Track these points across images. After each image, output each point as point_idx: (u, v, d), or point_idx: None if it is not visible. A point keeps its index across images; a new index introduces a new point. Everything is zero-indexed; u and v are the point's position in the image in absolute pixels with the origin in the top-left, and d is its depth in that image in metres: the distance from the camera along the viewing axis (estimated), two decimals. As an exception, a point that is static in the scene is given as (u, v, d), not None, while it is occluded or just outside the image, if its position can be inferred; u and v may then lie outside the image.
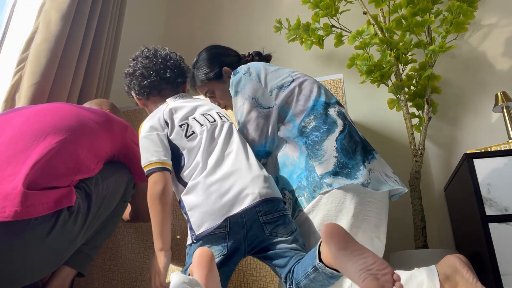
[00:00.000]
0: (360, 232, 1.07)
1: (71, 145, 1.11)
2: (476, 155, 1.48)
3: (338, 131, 1.17)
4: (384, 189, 1.11)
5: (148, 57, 1.34)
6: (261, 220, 1.01)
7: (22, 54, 1.60)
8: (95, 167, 1.17)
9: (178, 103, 1.25)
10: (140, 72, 1.31)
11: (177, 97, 1.30)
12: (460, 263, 0.88)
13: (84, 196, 1.10)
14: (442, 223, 1.93)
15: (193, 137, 1.14)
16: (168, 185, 1.08)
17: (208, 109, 1.25)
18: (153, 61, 1.32)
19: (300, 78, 1.29)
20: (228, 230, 0.99)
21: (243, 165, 1.08)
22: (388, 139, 2.14)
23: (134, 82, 1.33)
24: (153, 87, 1.32)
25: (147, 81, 1.31)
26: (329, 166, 1.11)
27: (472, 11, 1.85)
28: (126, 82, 1.38)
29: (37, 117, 1.14)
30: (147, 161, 1.10)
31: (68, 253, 1.10)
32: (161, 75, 1.32)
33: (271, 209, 1.03)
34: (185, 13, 2.84)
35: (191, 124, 1.18)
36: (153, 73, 1.31)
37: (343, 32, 2.13)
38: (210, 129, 1.17)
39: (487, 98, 2.05)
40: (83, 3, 1.76)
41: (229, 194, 1.01)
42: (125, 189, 1.27)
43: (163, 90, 1.34)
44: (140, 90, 1.33)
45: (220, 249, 0.98)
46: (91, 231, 1.15)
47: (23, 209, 0.92)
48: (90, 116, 1.22)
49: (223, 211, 0.99)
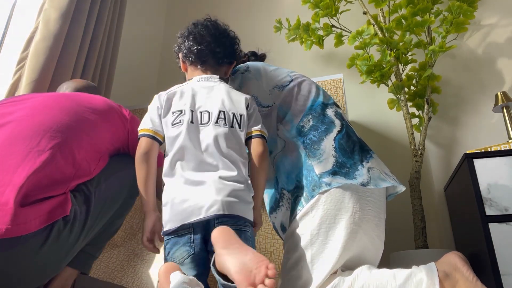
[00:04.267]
0: (361, 231, 1.07)
1: (68, 148, 1.05)
2: (476, 155, 1.48)
3: (336, 131, 1.17)
4: (384, 184, 1.11)
5: (207, 26, 1.31)
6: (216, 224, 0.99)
7: (22, 53, 1.60)
8: (96, 167, 1.12)
9: (197, 86, 1.21)
10: (193, 37, 1.29)
11: (204, 79, 1.24)
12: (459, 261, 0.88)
13: (83, 201, 1.05)
14: (442, 223, 1.93)
15: (177, 126, 1.12)
16: (153, 151, 1.11)
17: (211, 107, 1.16)
18: (210, 32, 1.29)
19: (299, 79, 1.29)
20: (192, 230, 1.01)
21: (212, 176, 1.05)
22: (388, 140, 2.14)
23: (185, 45, 1.30)
24: (199, 57, 1.28)
25: (196, 48, 1.27)
26: (327, 165, 1.11)
27: (472, 11, 1.85)
28: (178, 42, 1.35)
29: (31, 117, 1.07)
30: (142, 126, 1.14)
31: (66, 261, 1.05)
32: (211, 48, 1.28)
33: (229, 221, 1.01)
34: (185, 13, 2.84)
35: (185, 113, 1.14)
36: (204, 43, 1.28)
37: (343, 32, 2.13)
38: (195, 129, 1.12)
39: (487, 98, 2.05)
40: (82, 2, 1.76)
41: (188, 202, 1.01)
42: (131, 185, 1.21)
43: (205, 64, 1.28)
44: (187, 55, 1.29)
45: (187, 249, 0.99)
46: (93, 233, 1.11)
47: (14, 227, 0.87)
48: (87, 109, 1.16)
49: (181, 215, 1.01)
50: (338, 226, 1.07)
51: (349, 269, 1.09)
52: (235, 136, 1.14)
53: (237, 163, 1.10)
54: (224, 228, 0.90)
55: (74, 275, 1.17)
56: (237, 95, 1.21)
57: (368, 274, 1.02)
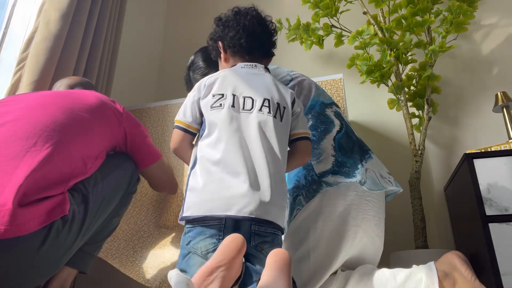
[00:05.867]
0: (360, 230, 1.07)
1: (64, 148, 1.04)
2: (476, 155, 1.48)
3: (335, 130, 1.17)
4: (377, 190, 1.10)
5: (256, 17, 1.24)
6: (252, 229, 0.94)
7: (22, 54, 1.60)
8: (92, 165, 1.12)
9: (241, 71, 1.17)
10: (243, 28, 1.21)
11: (248, 66, 1.20)
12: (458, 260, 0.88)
13: (81, 200, 1.05)
14: (442, 223, 1.93)
15: (217, 110, 1.06)
16: (182, 146, 1.11)
17: (255, 93, 1.11)
18: (261, 24, 1.24)
19: (299, 78, 1.29)
20: (224, 223, 0.94)
21: (255, 169, 0.99)
22: (388, 139, 2.14)
23: (230, 34, 1.22)
24: (247, 48, 1.22)
25: (245, 40, 1.21)
26: (327, 164, 1.11)
27: (472, 11, 1.85)
28: (216, 29, 1.27)
29: (26, 117, 1.07)
30: (176, 117, 1.13)
31: (64, 260, 1.05)
32: (262, 40, 1.23)
33: (266, 223, 0.96)
34: (185, 13, 2.84)
35: (226, 97, 1.09)
36: (254, 35, 1.22)
37: (343, 32, 2.13)
38: (237, 114, 1.06)
39: (487, 98, 2.05)
40: (83, 3, 1.76)
41: (227, 193, 0.94)
42: (128, 182, 1.22)
43: (252, 55, 1.23)
44: (234, 44, 1.22)
45: (214, 242, 0.93)
46: (91, 232, 1.11)
47: (13, 227, 0.86)
48: (82, 106, 1.15)
49: (212, 205, 0.94)
50: (338, 225, 1.07)
51: (349, 269, 1.09)
52: (277, 126, 1.07)
53: (277, 156, 1.03)
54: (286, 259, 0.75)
55: (73, 274, 1.18)
56: (283, 88, 1.17)
57: (368, 273, 1.02)
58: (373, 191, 1.09)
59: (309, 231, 1.08)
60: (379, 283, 0.98)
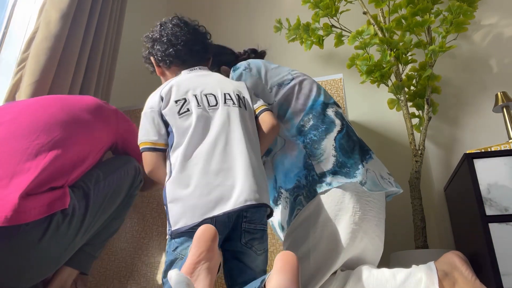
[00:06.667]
0: (361, 231, 1.07)
1: (65, 142, 1.07)
2: (476, 155, 1.48)
3: (336, 130, 1.17)
4: (377, 191, 1.11)
5: (178, 25, 1.28)
6: (243, 226, 0.95)
7: (22, 54, 1.60)
8: (93, 160, 1.15)
9: (190, 76, 1.18)
10: (167, 39, 1.25)
11: (193, 70, 1.22)
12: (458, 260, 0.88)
13: (82, 196, 1.07)
14: (442, 223, 1.93)
15: (186, 116, 1.06)
16: (156, 165, 1.07)
17: (214, 89, 1.13)
18: (184, 31, 1.27)
19: (300, 77, 1.29)
20: (214, 223, 0.91)
21: (237, 161, 0.99)
22: (388, 139, 2.14)
23: (158, 48, 1.26)
24: (178, 57, 1.25)
25: (173, 49, 1.24)
26: (328, 164, 1.11)
27: (472, 11, 1.85)
28: (147, 46, 1.31)
29: (27, 115, 1.10)
30: (139, 140, 1.11)
31: (65, 257, 1.07)
32: (190, 46, 1.26)
33: (256, 219, 0.97)
34: (185, 13, 2.83)
35: (189, 101, 1.09)
36: (181, 43, 1.25)
37: (343, 32, 2.13)
38: (205, 113, 1.07)
39: (487, 98, 2.05)
40: (83, 3, 1.76)
41: (215, 191, 0.94)
42: (131, 183, 1.23)
43: (186, 63, 1.26)
44: (163, 58, 1.26)
45: None
46: (92, 230, 1.12)
47: (14, 215, 0.89)
48: (81, 107, 1.19)
49: (204, 208, 0.92)
50: (338, 226, 1.07)
51: (349, 269, 1.09)
52: (244, 115, 1.11)
53: (252, 142, 1.06)
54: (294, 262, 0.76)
55: (73, 275, 1.18)
56: (234, 81, 1.22)
57: (368, 273, 1.02)
58: (373, 192, 1.09)
59: (309, 231, 1.08)
60: (379, 283, 0.98)
